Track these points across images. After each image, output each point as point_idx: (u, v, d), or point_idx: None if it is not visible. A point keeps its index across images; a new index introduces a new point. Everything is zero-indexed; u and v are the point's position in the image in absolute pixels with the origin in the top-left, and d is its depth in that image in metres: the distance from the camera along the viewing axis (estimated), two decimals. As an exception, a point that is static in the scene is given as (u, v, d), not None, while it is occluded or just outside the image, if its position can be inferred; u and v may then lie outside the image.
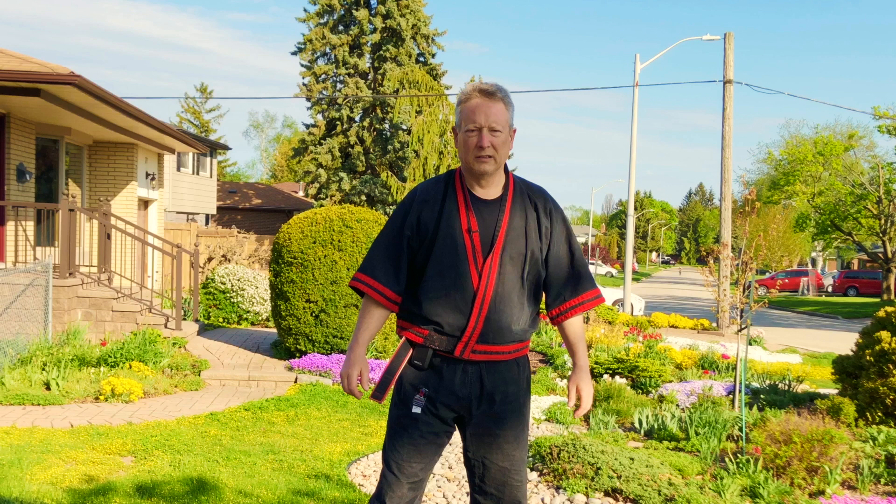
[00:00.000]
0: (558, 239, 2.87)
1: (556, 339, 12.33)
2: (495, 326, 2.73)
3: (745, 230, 7.00)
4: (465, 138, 2.75)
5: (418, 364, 2.77)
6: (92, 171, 14.46)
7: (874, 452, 5.75)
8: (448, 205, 2.78)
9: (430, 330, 2.74)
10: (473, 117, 2.73)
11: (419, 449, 2.77)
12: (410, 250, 2.81)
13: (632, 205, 22.23)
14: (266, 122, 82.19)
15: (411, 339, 2.80)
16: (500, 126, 2.74)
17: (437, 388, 2.76)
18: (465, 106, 2.78)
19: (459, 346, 2.73)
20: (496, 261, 2.73)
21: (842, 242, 42.75)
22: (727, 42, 19.60)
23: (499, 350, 2.76)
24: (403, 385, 2.81)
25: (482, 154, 2.72)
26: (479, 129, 2.72)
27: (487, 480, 2.84)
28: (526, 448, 2.91)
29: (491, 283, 2.72)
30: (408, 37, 33.34)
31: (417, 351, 2.77)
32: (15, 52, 10.31)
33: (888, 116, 31.41)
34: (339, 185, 33.82)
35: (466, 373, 2.76)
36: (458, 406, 2.78)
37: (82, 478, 5.07)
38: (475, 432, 2.81)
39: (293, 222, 9.81)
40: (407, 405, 2.78)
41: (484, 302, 2.71)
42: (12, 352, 8.38)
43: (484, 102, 2.74)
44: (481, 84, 2.80)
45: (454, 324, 2.72)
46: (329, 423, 6.99)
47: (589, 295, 2.93)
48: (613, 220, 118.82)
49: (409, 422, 2.77)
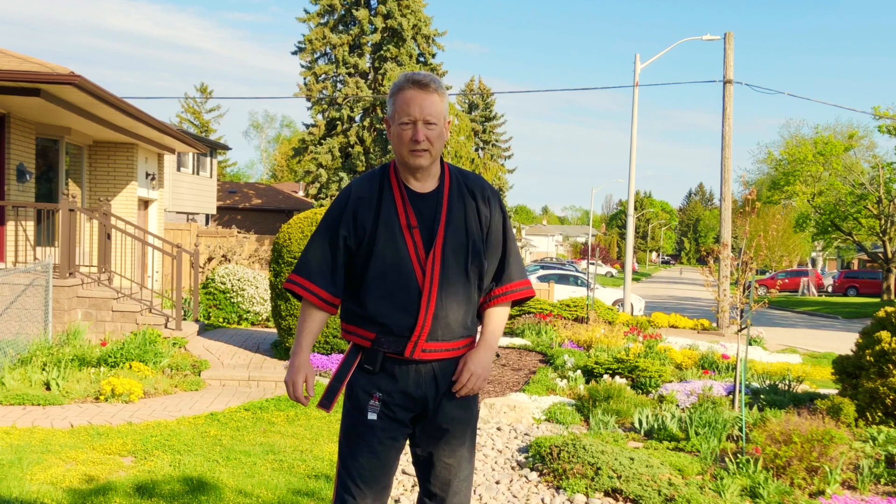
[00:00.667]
0: (496, 227, 2.80)
1: (556, 340, 12.33)
2: (443, 323, 2.65)
3: (745, 230, 7.00)
4: (400, 131, 2.66)
5: (369, 368, 2.66)
6: (92, 171, 14.46)
7: (874, 452, 5.75)
8: (385, 202, 2.69)
9: (377, 332, 2.64)
10: (407, 110, 2.64)
11: (379, 456, 2.67)
12: (348, 250, 2.71)
13: (632, 205, 22.24)
14: (266, 122, 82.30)
15: (358, 343, 2.70)
16: (436, 118, 2.67)
17: (391, 391, 2.66)
18: (398, 97, 2.68)
19: (409, 347, 2.63)
20: (438, 256, 2.65)
21: (842, 242, 42.75)
22: (727, 42, 19.60)
23: (449, 347, 2.69)
24: (355, 392, 2.69)
25: (417, 148, 2.64)
26: (413, 122, 2.64)
27: (433, 479, 2.77)
28: (473, 447, 2.84)
29: (436, 280, 2.63)
30: (408, 37, 33.34)
31: (367, 355, 2.67)
32: (15, 52, 10.31)
33: (888, 116, 31.40)
34: (339, 185, 33.82)
35: (420, 373, 2.67)
36: (414, 407, 2.69)
37: (82, 478, 5.07)
38: (426, 428, 2.73)
39: (293, 222, 9.81)
40: (362, 412, 2.66)
41: (430, 299, 2.62)
42: (12, 352, 8.38)
43: (418, 94, 2.65)
44: (415, 74, 2.70)
45: (402, 323, 2.62)
46: (329, 423, 6.99)
47: (518, 285, 2.83)
48: (613, 220, 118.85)
49: (365, 430, 2.66)
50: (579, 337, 12.12)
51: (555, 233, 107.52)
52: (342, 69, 34.03)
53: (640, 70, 22.01)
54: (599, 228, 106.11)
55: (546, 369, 9.58)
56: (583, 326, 13.20)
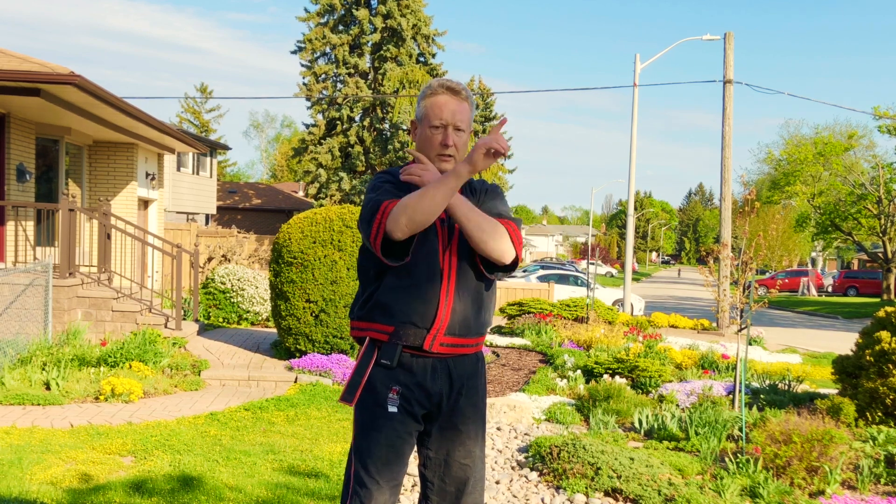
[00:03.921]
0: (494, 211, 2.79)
1: (556, 339, 12.33)
2: (460, 317, 2.69)
3: (745, 230, 7.00)
4: (430, 134, 2.70)
5: (386, 363, 2.66)
6: (92, 171, 14.45)
7: (874, 452, 5.75)
8: None
9: (397, 325, 2.65)
10: (440, 114, 2.68)
11: (397, 450, 2.68)
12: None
13: (632, 205, 22.24)
14: (266, 122, 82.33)
15: (376, 338, 2.70)
16: (465, 125, 2.71)
17: (409, 384, 2.68)
18: (430, 101, 2.72)
19: (428, 339, 2.64)
20: (455, 248, 2.69)
21: (842, 242, 42.77)
22: (727, 42, 19.60)
23: (463, 343, 2.72)
24: (375, 386, 2.69)
25: (446, 153, 2.68)
26: (444, 126, 2.68)
27: (448, 479, 2.77)
28: (484, 446, 2.87)
29: (453, 272, 2.68)
30: (408, 37, 33.35)
31: (384, 349, 2.67)
32: (15, 52, 10.31)
33: (888, 116, 31.41)
34: (339, 185, 33.84)
35: (436, 368, 2.70)
36: (429, 403, 2.71)
37: (82, 478, 5.07)
38: (442, 429, 2.75)
39: (293, 222, 9.81)
40: (382, 405, 2.67)
41: (449, 292, 2.66)
42: (12, 352, 8.38)
43: (451, 100, 2.70)
44: (448, 81, 2.74)
45: (423, 315, 2.64)
46: (329, 423, 6.98)
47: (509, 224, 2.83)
48: (613, 220, 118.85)
49: (384, 422, 2.67)
50: (579, 337, 12.12)
51: (555, 233, 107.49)
52: (342, 69, 34.04)
53: (640, 70, 22.01)
54: (599, 228, 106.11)
55: (546, 369, 9.58)
56: (583, 326, 13.20)
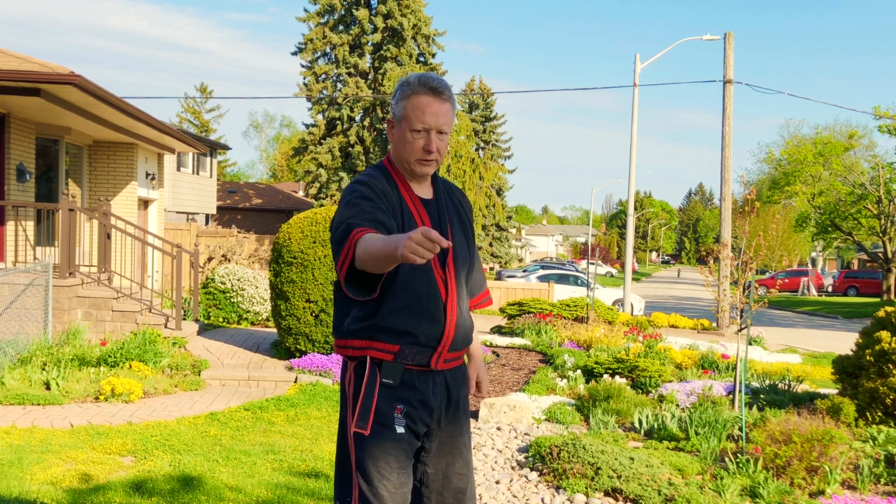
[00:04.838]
0: (473, 237, 2.79)
1: (556, 339, 12.33)
2: (462, 332, 2.62)
3: (745, 230, 7.00)
4: (412, 138, 2.55)
5: (389, 382, 2.53)
6: (92, 171, 14.45)
7: (874, 452, 5.75)
8: (404, 205, 2.59)
9: (402, 344, 2.52)
10: (422, 118, 2.53)
11: (406, 470, 2.57)
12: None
13: (632, 205, 22.24)
14: (266, 122, 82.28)
15: (377, 357, 2.53)
16: (447, 129, 2.58)
17: (413, 401, 2.56)
18: (411, 101, 2.55)
19: (435, 357, 2.55)
20: (451, 262, 2.60)
21: (842, 242, 42.75)
22: (727, 42, 19.59)
23: (460, 356, 2.68)
24: (378, 408, 2.54)
25: (429, 158, 2.57)
26: (427, 130, 2.55)
27: (447, 493, 2.71)
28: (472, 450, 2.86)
29: (452, 287, 2.58)
30: (408, 37, 33.34)
31: (386, 369, 2.53)
32: (15, 52, 10.31)
33: (888, 116, 31.41)
34: (339, 185, 33.81)
35: (436, 383, 2.61)
36: (430, 419, 2.61)
37: (82, 477, 5.07)
38: (442, 443, 2.67)
39: (293, 222, 9.81)
40: (389, 427, 2.53)
41: (452, 307, 2.57)
42: (12, 352, 8.38)
43: (433, 102, 2.54)
44: (429, 79, 2.57)
45: (429, 333, 2.53)
46: (329, 423, 6.98)
47: (484, 295, 2.85)
48: (613, 220, 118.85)
49: (393, 444, 2.53)
50: (579, 337, 12.12)
51: (555, 233, 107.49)
52: (342, 69, 34.03)
53: (640, 70, 22.02)
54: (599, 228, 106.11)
55: (546, 369, 9.58)
56: (583, 326, 13.20)
